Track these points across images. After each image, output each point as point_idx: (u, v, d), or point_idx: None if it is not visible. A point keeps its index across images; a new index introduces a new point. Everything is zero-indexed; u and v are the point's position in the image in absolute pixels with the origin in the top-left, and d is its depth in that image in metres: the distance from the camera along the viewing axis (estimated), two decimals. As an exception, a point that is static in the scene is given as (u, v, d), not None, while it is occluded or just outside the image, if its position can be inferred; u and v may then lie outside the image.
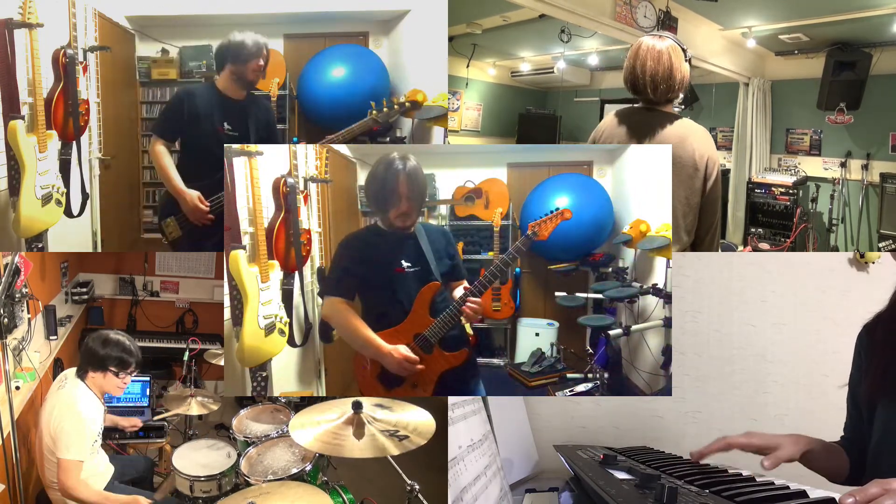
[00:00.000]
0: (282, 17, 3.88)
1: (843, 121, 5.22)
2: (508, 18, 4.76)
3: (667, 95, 2.28)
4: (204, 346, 3.54)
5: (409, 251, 2.22)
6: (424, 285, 2.19)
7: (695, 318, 3.07)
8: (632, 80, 2.29)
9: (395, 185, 2.13)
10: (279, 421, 2.96)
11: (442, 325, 2.16)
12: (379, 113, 3.24)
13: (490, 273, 2.14)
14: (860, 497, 0.92)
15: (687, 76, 2.28)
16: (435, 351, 2.18)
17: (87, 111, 3.04)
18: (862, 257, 3.14)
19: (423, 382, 2.20)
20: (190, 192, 2.80)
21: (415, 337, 2.18)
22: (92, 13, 3.36)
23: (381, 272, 2.20)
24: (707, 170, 2.26)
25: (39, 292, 3.12)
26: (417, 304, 2.18)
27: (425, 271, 2.21)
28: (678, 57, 2.24)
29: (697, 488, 1.21)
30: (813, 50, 5.27)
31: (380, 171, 2.17)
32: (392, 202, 2.15)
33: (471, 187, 4.88)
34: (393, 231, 2.23)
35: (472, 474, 1.98)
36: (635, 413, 3.02)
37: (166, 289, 4.40)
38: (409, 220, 2.20)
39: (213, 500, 2.52)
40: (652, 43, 2.26)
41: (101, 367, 2.42)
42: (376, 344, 2.14)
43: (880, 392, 1.40)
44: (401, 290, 2.19)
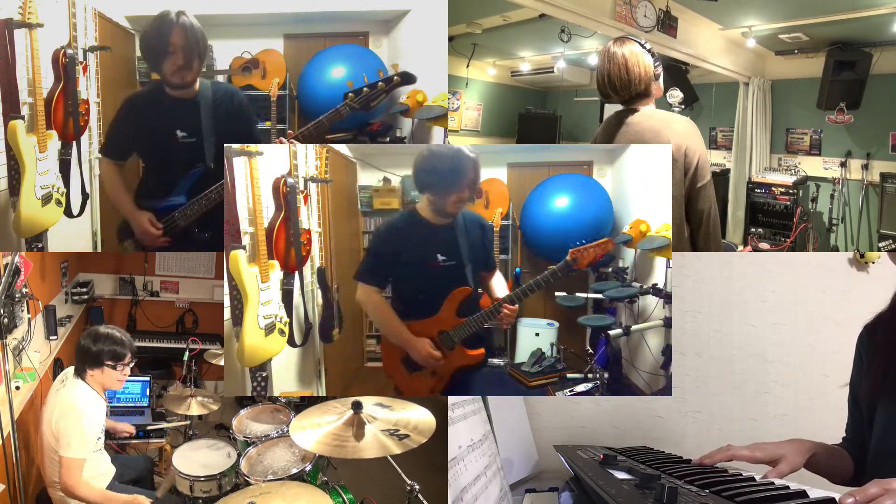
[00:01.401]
0: (282, 17, 3.88)
1: (843, 120, 5.22)
2: (508, 18, 4.75)
3: (630, 92, 2.33)
4: (204, 346, 3.54)
5: (446, 245, 2.28)
6: (456, 282, 2.28)
7: (695, 318, 3.07)
8: (598, 85, 2.39)
9: (463, 170, 2.19)
10: (279, 421, 2.96)
11: (469, 326, 2.27)
12: (357, 97, 2.59)
13: (528, 286, 2.23)
14: (860, 497, 0.92)
15: (649, 70, 2.31)
16: (456, 348, 2.31)
17: (87, 111, 3.04)
18: (862, 257, 3.14)
19: (440, 372, 2.32)
20: (140, 215, 2.58)
21: (439, 333, 2.29)
22: (92, 13, 3.36)
23: (416, 265, 2.28)
24: (687, 159, 2.27)
25: (39, 292, 3.12)
26: (447, 304, 2.28)
27: (459, 267, 2.29)
28: (634, 55, 2.29)
29: (697, 488, 1.21)
30: (813, 50, 5.26)
31: (447, 152, 2.25)
32: (456, 186, 2.19)
33: (471, 187, 4.88)
34: (434, 221, 2.29)
35: (472, 474, 1.98)
36: (635, 413, 3.02)
37: (166, 289, 4.40)
38: (463, 207, 2.27)
39: (213, 500, 2.52)
40: (608, 47, 2.35)
41: (97, 364, 2.43)
42: (406, 336, 2.27)
43: (881, 392, 1.40)
44: (433, 285, 2.27)
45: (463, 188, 2.20)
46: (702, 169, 2.29)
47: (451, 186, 2.20)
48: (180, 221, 2.59)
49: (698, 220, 2.34)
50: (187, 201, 2.58)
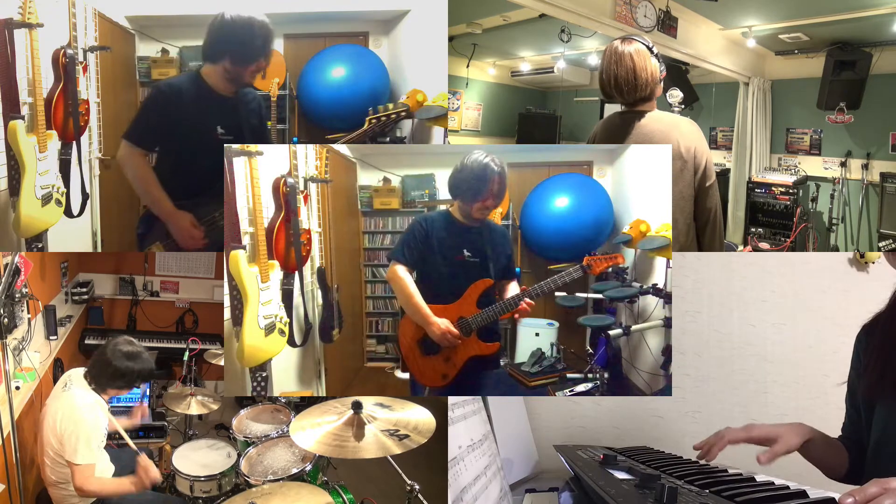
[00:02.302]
0: (282, 17, 3.87)
1: (843, 120, 5.22)
2: (508, 18, 4.75)
3: (636, 96, 2.31)
4: (204, 346, 3.54)
5: (473, 243, 2.48)
6: (479, 275, 2.45)
7: (695, 318, 3.07)
8: (602, 85, 2.38)
9: (487, 182, 2.37)
10: (279, 421, 2.96)
11: (488, 315, 2.40)
12: (376, 122, 3.07)
13: (545, 285, 2.44)
14: (860, 497, 0.92)
15: (656, 74, 2.30)
16: (472, 336, 2.42)
17: (87, 111, 3.04)
18: (862, 257, 3.14)
19: (454, 359, 2.43)
20: (181, 216, 2.42)
21: (458, 319, 2.41)
22: (92, 13, 3.36)
23: (445, 255, 2.45)
24: (696, 160, 2.31)
25: (39, 292, 3.12)
26: (469, 293, 2.44)
27: (483, 264, 2.47)
28: (642, 57, 2.27)
29: (697, 488, 1.21)
30: (813, 50, 5.26)
31: (476, 166, 2.39)
32: (480, 196, 2.39)
33: (471, 187, 4.88)
34: (464, 222, 2.47)
35: (472, 474, 1.98)
36: (635, 413, 3.02)
37: (166, 289, 4.40)
38: (487, 213, 2.47)
39: (213, 500, 2.52)
40: (615, 47, 2.32)
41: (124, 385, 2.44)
42: (426, 313, 2.38)
43: (878, 392, 1.40)
44: (458, 275, 2.45)
45: (487, 197, 2.39)
46: (709, 169, 2.35)
47: (476, 196, 2.39)
48: (220, 222, 2.50)
49: (705, 218, 2.40)
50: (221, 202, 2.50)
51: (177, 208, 2.43)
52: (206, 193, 2.49)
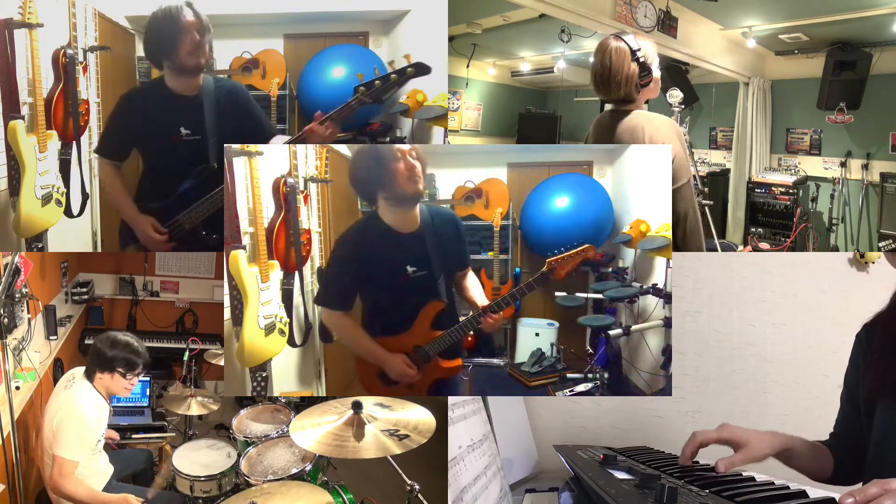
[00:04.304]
0: (282, 17, 3.87)
1: (843, 120, 5.22)
2: (508, 18, 4.76)
3: (610, 94, 2.27)
4: (204, 346, 3.54)
5: (415, 253, 2.16)
6: (428, 293, 2.18)
7: (695, 318, 3.07)
8: (591, 80, 2.33)
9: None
10: (279, 421, 2.96)
11: (446, 339, 2.21)
12: (368, 90, 2.39)
13: (504, 299, 2.19)
14: (860, 497, 0.92)
15: (633, 76, 2.21)
16: (433, 360, 2.25)
17: (87, 111, 3.04)
18: (862, 257, 3.14)
19: (418, 385, 2.29)
20: (142, 220, 2.49)
21: (414, 349, 2.23)
22: (92, 13, 3.36)
23: (385, 279, 2.17)
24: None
25: (39, 292, 3.12)
26: (420, 319, 2.21)
27: (430, 277, 2.18)
28: (619, 56, 2.20)
29: (697, 488, 1.21)
30: (813, 50, 5.27)
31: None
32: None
33: (471, 187, 4.88)
34: (400, 230, 2.16)
35: (472, 474, 1.98)
36: (635, 413, 3.02)
37: (166, 289, 4.40)
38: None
39: (213, 500, 2.52)
40: (601, 41, 2.27)
41: (108, 369, 2.42)
42: (379, 354, 2.21)
43: (879, 393, 1.40)
44: (405, 300, 2.18)
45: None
46: (677, 170, 2.20)
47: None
48: (186, 224, 2.52)
49: (674, 222, 2.27)
50: (192, 203, 2.49)
51: (141, 212, 2.51)
52: (170, 196, 2.50)
